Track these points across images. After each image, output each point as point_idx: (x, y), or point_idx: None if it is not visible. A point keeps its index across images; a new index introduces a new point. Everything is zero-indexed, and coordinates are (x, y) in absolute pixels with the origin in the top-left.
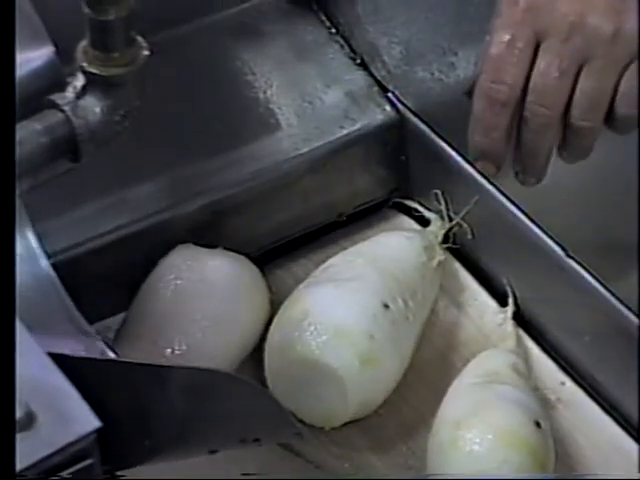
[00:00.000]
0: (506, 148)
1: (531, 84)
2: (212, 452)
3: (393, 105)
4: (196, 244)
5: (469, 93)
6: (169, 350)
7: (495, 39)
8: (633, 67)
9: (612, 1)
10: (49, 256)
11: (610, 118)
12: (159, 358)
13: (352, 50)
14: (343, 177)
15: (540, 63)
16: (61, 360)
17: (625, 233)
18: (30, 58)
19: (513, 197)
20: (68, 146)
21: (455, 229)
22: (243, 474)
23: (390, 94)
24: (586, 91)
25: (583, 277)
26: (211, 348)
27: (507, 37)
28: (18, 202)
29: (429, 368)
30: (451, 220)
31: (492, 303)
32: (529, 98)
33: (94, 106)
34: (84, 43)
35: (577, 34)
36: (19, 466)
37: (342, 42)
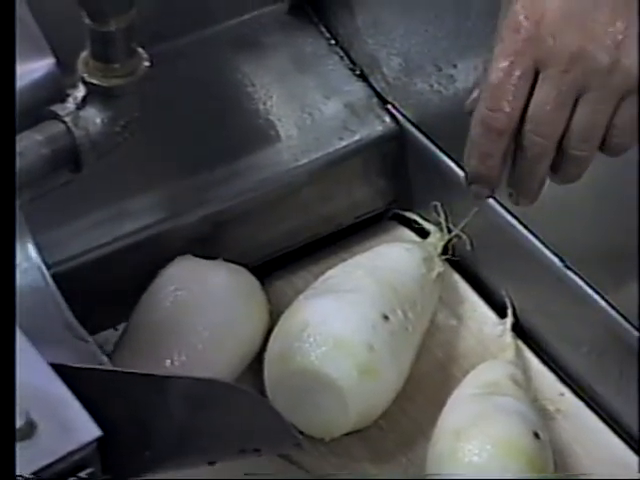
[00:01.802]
0: (501, 174)
1: (529, 113)
2: (211, 463)
3: (392, 116)
4: (196, 255)
5: (471, 113)
6: (169, 361)
7: (495, 66)
8: (629, 100)
9: (612, 33)
10: (49, 267)
11: (604, 146)
12: (159, 369)
13: (352, 62)
14: (342, 188)
15: (539, 93)
16: (62, 370)
17: (624, 244)
18: (31, 69)
19: (512, 209)
20: (69, 157)
21: (454, 241)
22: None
23: (389, 105)
24: (581, 122)
25: (582, 288)
26: (211, 359)
27: (507, 65)
28: (19, 213)
29: (428, 379)
30: (450, 232)
31: (491, 314)
32: (527, 127)
33: (95, 117)
34: (85, 54)
35: (577, 65)
36: (20, 475)
37: (342, 54)
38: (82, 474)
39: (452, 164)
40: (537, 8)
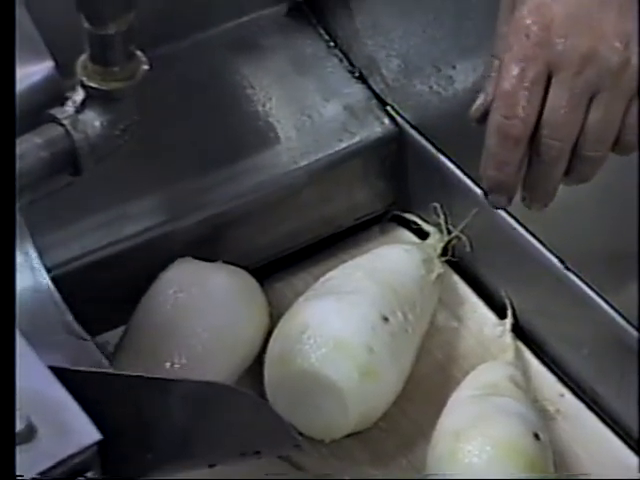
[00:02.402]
0: (518, 180)
1: (544, 118)
2: (211, 466)
3: (392, 118)
4: (196, 258)
5: (478, 120)
6: (169, 363)
7: (505, 74)
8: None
9: (621, 33)
10: (49, 270)
11: (615, 145)
12: (159, 371)
13: (351, 63)
14: (342, 190)
15: (552, 97)
16: (62, 373)
17: (624, 245)
18: (30, 73)
19: (512, 210)
20: (68, 160)
21: (454, 242)
22: None
23: (389, 107)
24: (596, 123)
25: (582, 289)
26: (211, 361)
27: (519, 72)
28: (18, 216)
29: (428, 380)
30: (450, 233)
31: (491, 316)
32: (543, 132)
33: (94, 120)
34: (84, 57)
35: (588, 67)
36: (20, 479)
37: (341, 56)
38: (82, 478)
39: (451, 165)
40: (545, 12)
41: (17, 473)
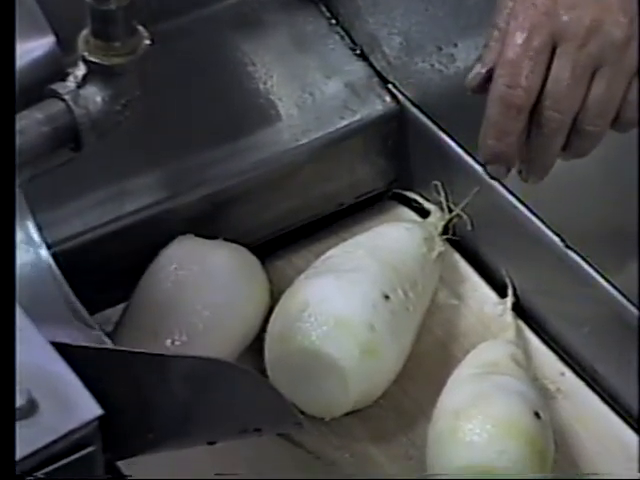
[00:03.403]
0: (517, 151)
1: (547, 89)
2: (211, 443)
3: (393, 96)
4: (196, 235)
5: (474, 90)
6: (169, 340)
7: (510, 42)
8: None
9: (627, 8)
10: (49, 246)
11: (615, 121)
12: (159, 348)
13: (352, 41)
14: (343, 168)
15: (556, 68)
16: (63, 349)
17: (625, 223)
18: (31, 48)
19: (512, 188)
20: (69, 135)
21: (455, 220)
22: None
23: (390, 85)
24: (597, 97)
25: (582, 268)
26: (211, 338)
27: (524, 41)
28: (19, 192)
29: (429, 359)
30: (451, 211)
31: (492, 294)
32: (545, 103)
33: (95, 95)
34: (85, 32)
35: (593, 40)
36: (21, 453)
37: (342, 33)
38: (83, 452)
39: (453, 143)
40: None
41: (18, 448)
